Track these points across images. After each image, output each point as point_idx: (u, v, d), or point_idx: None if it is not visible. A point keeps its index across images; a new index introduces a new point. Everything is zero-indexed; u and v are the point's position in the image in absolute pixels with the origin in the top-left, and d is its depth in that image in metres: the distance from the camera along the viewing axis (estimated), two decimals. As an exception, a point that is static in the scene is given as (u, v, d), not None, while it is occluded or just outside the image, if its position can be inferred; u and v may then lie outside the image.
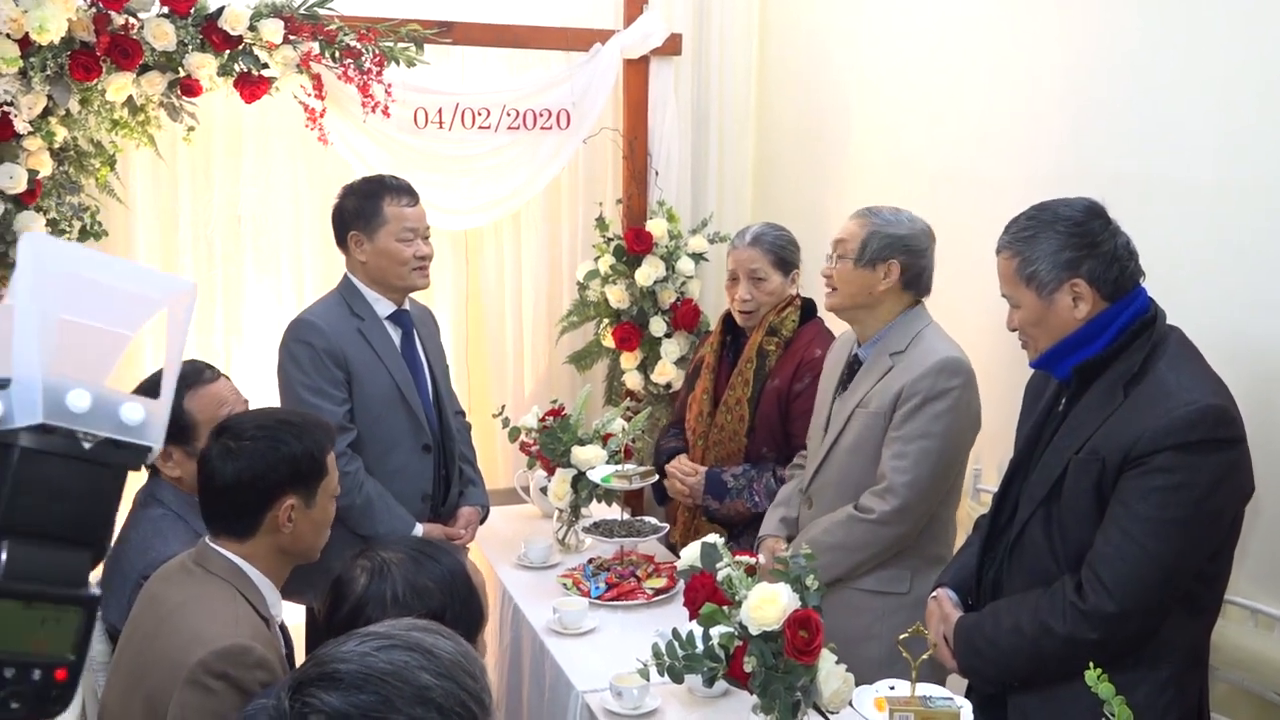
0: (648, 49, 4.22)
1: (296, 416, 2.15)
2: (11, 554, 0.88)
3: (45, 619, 0.90)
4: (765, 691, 1.99)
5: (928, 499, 2.65)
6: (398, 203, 3.05)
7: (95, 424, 0.92)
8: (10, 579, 0.88)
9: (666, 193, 4.31)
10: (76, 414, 0.91)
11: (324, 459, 2.10)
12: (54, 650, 0.91)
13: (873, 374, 2.74)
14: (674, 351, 4.22)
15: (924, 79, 3.54)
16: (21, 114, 3.19)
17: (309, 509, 2.07)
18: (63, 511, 0.92)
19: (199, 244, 3.98)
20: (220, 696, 1.82)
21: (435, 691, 1.13)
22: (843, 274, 2.75)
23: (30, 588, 0.89)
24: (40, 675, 0.90)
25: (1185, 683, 2.08)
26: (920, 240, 2.74)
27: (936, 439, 2.62)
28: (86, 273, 0.98)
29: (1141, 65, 2.73)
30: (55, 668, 0.91)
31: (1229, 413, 1.99)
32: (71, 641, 0.92)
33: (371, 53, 3.63)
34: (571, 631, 2.81)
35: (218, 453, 2.03)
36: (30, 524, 0.90)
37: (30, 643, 0.90)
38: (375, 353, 3.04)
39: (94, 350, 0.97)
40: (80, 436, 0.92)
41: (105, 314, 0.98)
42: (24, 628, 0.89)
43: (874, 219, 2.74)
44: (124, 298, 0.99)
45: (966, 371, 2.67)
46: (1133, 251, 2.12)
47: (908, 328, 2.74)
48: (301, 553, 2.11)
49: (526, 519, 3.79)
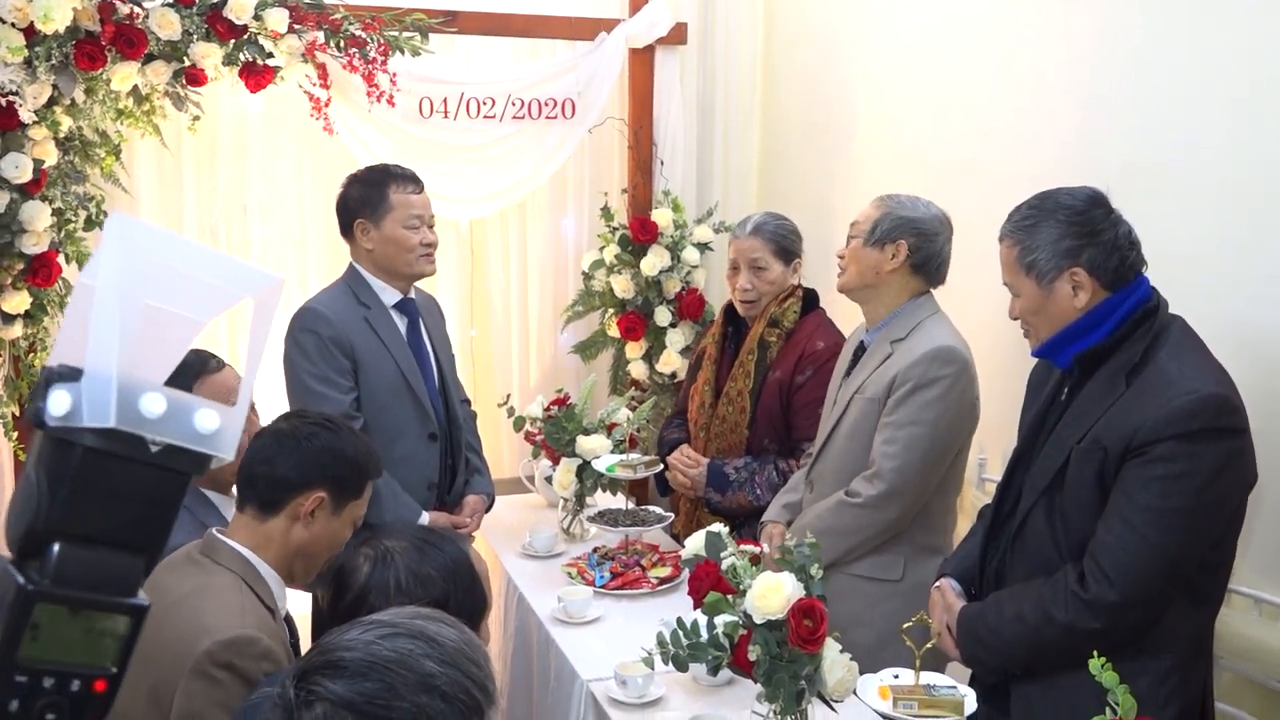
0: (653, 38, 4.21)
1: (362, 439, 2.21)
2: (62, 557, 0.83)
3: (91, 628, 0.85)
4: (770, 680, 1.99)
5: (916, 485, 2.66)
6: (403, 190, 3.06)
7: (167, 431, 0.85)
8: (58, 584, 0.83)
9: (672, 182, 4.30)
10: (149, 419, 0.84)
11: (365, 481, 2.14)
12: (95, 660, 0.86)
13: (873, 360, 2.75)
14: (679, 341, 4.22)
15: (930, 71, 3.53)
16: (27, 103, 3.19)
17: (332, 515, 2.08)
18: (121, 515, 0.86)
19: (204, 234, 3.98)
20: (226, 687, 1.82)
21: (439, 679, 1.14)
22: (853, 252, 2.78)
23: (78, 594, 0.84)
24: (80, 686, 0.85)
25: (1188, 672, 2.08)
26: (932, 225, 2.74)
27: (926, 426, 2.63)
28: (172, 259, 0.90)
29: (1146, 58, 2.72)
30: (95, 679, 0.86)
31: (1231, 402, 1.98)
32: (115, 652, 0.87)
33: (376, 42, 3.63)
34: (576, 620, 2.81)
35: (281, 421, 2.10)
36: (85, 527, 0.85)
37: (72, 652, 0.85)
38: (381, 341, 3.04)
39: (168, 339, 0.88)
40: (149, 440, 0.85)
41: (185, 302, 0.89)
42: (67, 635, 0.84)
43: (890, 202, 2.77)
44: (206, 287, 0.90)
45: (961, 361, 2.66)
46: (1134, 241, 2.11)
47: (912, 315, 2.74)
48: (309, 556, 2.10)
49: (531, 508, 3.80)
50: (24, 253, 3.36)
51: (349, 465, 2.09)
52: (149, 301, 0.86)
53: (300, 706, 1.12)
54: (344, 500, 2.09)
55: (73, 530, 0.84)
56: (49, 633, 0.83)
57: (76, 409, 0.82)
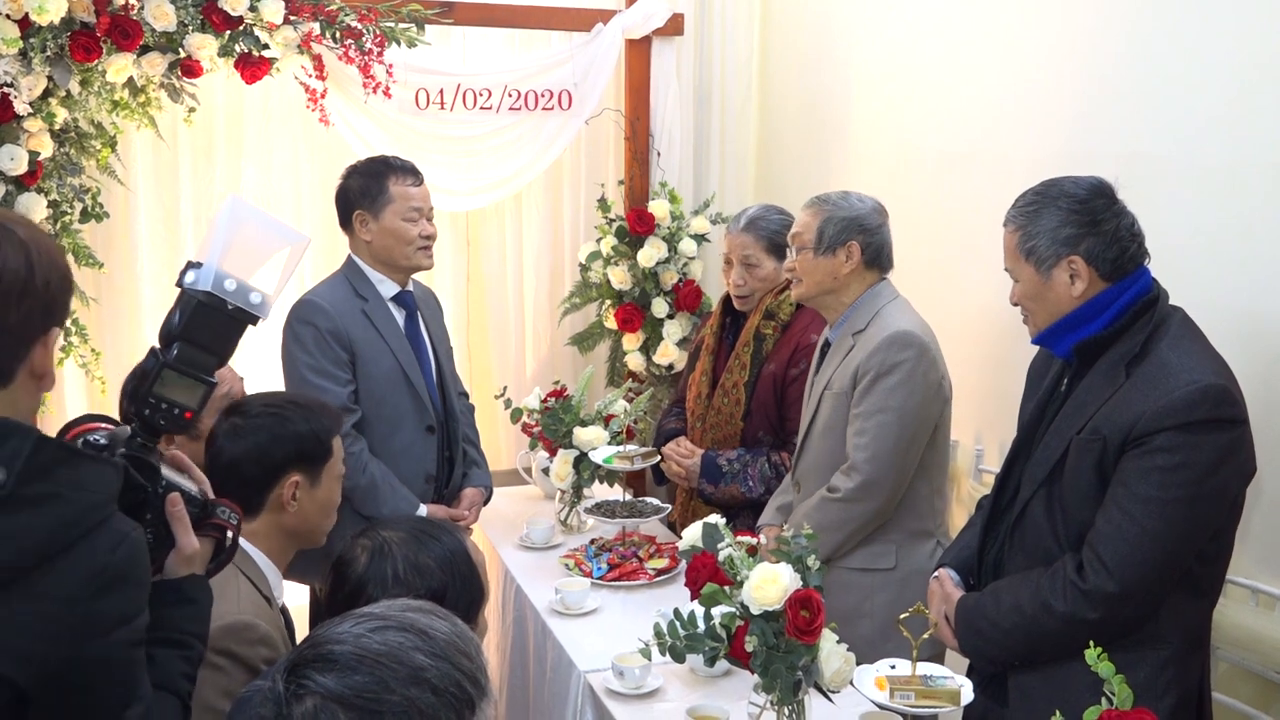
0: (650, 29, 4.20)
1: (304, 399, 2.20)
2: (181, 351, 1.52)
3: (187, 387, 1.53)
4: (766, 671, 1.99)
5: (892, 472, 2.67)
6: (403, 182, 3.05)
7: (235, 298, 1.54)
8: (180, 362, 1.52)
9: (669, 174, 4.29)
10: (228, 291, 1.53)
11: (330, 441, 2.13)
12: (186, 401, 1.53)
13: (838, 355, 2.78)
14: (676, 333, 4.22)
15: (927, 60, 3.52)
16: (22, 95, 3.18)
17: (313, 488, 2.09)
18: (209, 336, 1.54)
19: (200, 226, 3.97)
20: (227, 673, 1.83)
21: (430, 672, 1.13)
22: (805, 265, 2.79)
23: (185, 368, 1.53)
24: (177, 411, 1.53)
25: (1186, 663, 2.08)
26: (873, 218, 2.77)
27: (893, 413, 2.64)
28: (256, 217, 1.67)
29: (1147, 47, 2.71)
30: (185, 410, 1.53)
31: (1230, 393, 1.98)
32: (197, 400, 1.54)
33: (372, 33, 3.62)
34: (574, 612, 2.82)
35: (226, 430, 2.07)
36: (193, 338, 1.53)
37: (176, 395, 1.52)
38: (379, 334, 3.04)
39: (248, 253, 1.59)
40: (227, 303, 1.54)
41: (259, 237, 1.63)
42: (177, 388, 1.52)
43: (825, 205, 2.78)
44: (272, 230, 1.67)
45: (918, 344, 2.67)
46: (1136, 233, 2.11)
47: (869, 306, 2.77)
48: (307, 534, 2.12)
49: (529, 500, 3.80)
50: (20, 245, 3.35)
51: (307, 440, 2.09)
52: (239, 234, 1.59)
53: (290, 700, 1.11)
54: (317, 470, 2.10)
55: (189, 338, 1.53)
56: (169, 386, 1.52)
57: (197, 280, 1.53)
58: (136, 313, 3.92)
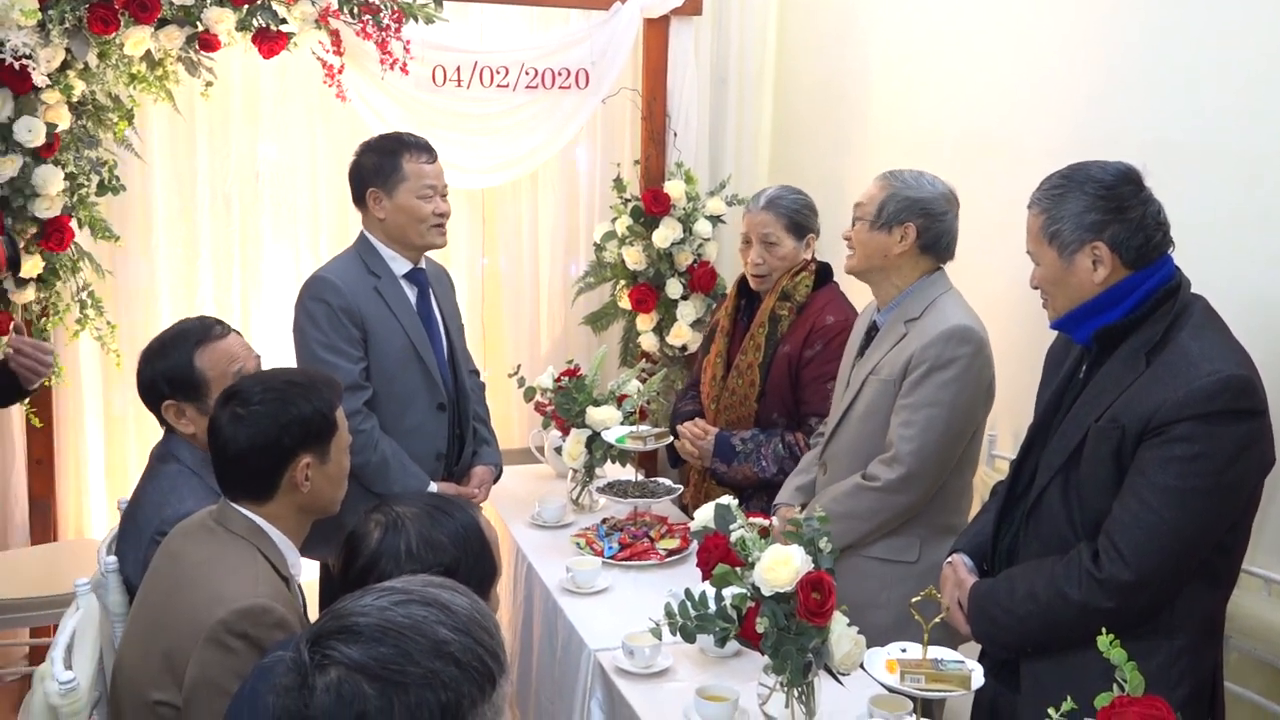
0: (668, 8, 4.18)
1: (302, 376, 2.15)
2: None
3: None
4: (777, 652, 1.99)
5: (934, 467, 2.64)
6: (417, 159, 3.04)
7: None
8: None
9: (685, 154, 4.28)
10: None
11: (333, 415, 2.11)
12: None
13: (887, 341, 2.72)
14: (690, 314, 4.21)
15: (945, 43, 3.49)
16: (40, 67, 3.18)
17: (324, 465, 2.09)
18: None
19: (216, 200, 3.98)
20: (240, 655, 1.83)
21: (453, 645, 1.14)
22: (860, 236, 2.74)
23: None
24: None
25: (1200, 653, 2.07)
26: (939, 204, 2.70)
27: (944, 407, 2.60)
28: None
29: (1165, 33, 2.69)
30: None
31: (1251, 383, 1.97)
32: None
33: (390, 9, 3.61)
34: (584, 591, 2.82)
35: (227, 420, 2.03)
36: None
37: None
38: (391, 311, 3.04)
39: None
40: None
41: None
42: None
43: (894, 181, 2.72)
44: None
45: (977, 340, 2.63)
46: (1162, 222, 2.08)
47: (924, 294, 2.71)
48: (322, 508, 2.13)
49: (541, 479, 3.80)
50: (37, 217, 3.36)
51: (312, 421, 2.06)
52: None
53: (315, 670, 1.12)
54: (325, 446, 2.08)
55: None
56: None
57: None
58: (152, 285, 3.94)
